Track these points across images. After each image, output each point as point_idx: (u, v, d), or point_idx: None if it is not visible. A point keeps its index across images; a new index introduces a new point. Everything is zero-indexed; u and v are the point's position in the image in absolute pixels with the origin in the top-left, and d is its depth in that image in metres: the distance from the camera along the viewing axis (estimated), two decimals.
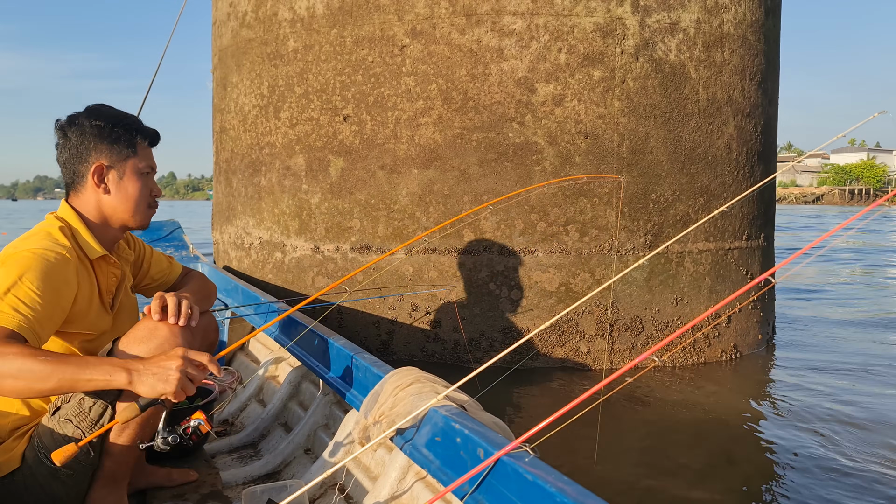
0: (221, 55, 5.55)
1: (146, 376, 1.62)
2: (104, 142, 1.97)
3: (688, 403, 3.93)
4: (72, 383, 1.58)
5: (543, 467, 1.44)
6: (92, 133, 1.96)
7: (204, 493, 2.22)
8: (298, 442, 2.62)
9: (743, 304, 4.94)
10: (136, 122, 2.04)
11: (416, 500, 1.87)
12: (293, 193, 4.83)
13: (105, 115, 1.99)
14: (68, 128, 1.97)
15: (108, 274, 2.03)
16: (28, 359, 1.54)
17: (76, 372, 1.58)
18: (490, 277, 4.37)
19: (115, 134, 1.98)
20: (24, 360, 1.53)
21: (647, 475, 3.06)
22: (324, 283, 4.68)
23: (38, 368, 1.54)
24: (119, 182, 1.99)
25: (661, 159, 4.47)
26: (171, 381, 1.63)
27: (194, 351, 1.72)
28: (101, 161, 1.97)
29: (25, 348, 1.57)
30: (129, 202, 2.00)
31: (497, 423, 1.84)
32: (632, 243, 4.42)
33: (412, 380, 2.00)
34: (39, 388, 1.56)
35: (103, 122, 1.97)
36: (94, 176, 1.96)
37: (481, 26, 4.31)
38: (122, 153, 1.99)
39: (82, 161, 1.97)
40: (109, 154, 1.98)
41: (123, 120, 2.01)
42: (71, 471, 1.81)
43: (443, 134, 4.37)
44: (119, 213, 2.00)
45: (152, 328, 1.82)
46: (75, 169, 1.98)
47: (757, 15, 4.85)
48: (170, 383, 1.62)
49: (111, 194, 1.99)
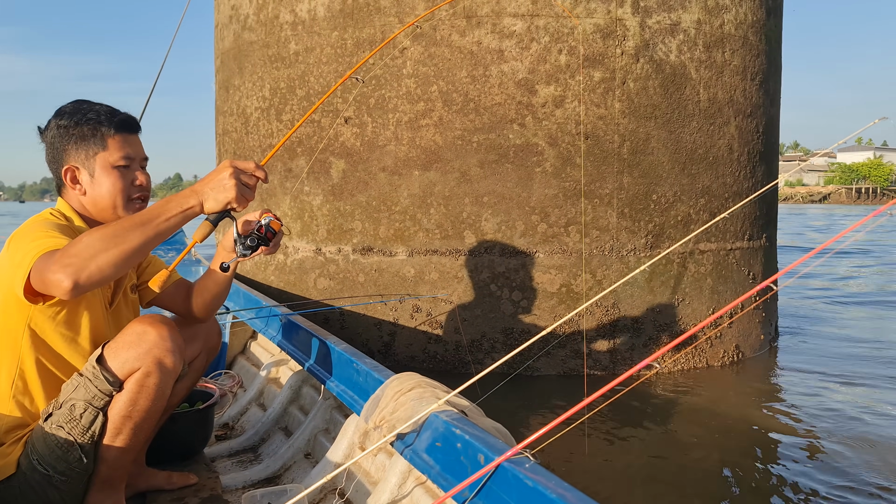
0: (224, 58, 5.56)
1: (208, 192, 1.66)
2: (70, 142, 1.92)
3: (690, 407, 3.93)
4: (155, 229, 1.60)
5: (544, 473, 1.43)
6: (59, 135, 1.93)
7: (204, 497, 2.22)
8: (299, 446, 2.62)
9: (745, 306, 4.93)
10: (100, 114, 1.95)
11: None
12: (295, 195, 4.83)
13: (70, 114, 1.94)
14: (45, 132, 1.96)
15: None
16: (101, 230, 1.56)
17: (152, 217, 1.60)
18: (491, 279, 4.37)
19: (79, 132, 1.92)
20: (101, 233, 1.55)
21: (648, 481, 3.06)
22: (326, 285, 4.68)
23: (117, 230, 1.56)
24: (91, 181, 1.94)
25: (661, 160, 4.46)
26: (230, 188, 1.66)
27: (241, 161, 1.73)
28: (70, 163, 1.93)
29: (96, 229, 1.58)
30: (106, 199, 1.94)
31: (498, 428, 1.83)
32: (633, 244, 4.41)
33: (413, 385, 2.00)
34: (130, 247, 1.56)
35: (67, 121, 1.92)
36: (68, 178, 1.93)
37: (482, 28, 4.31)
38: (90, 150, 1.93)
39: (57, 164, 1.95)
40: (76, 154, 1.93)
41: (86, 115, 1.94)
42: (65, 477, 1.80)
43: (443, 135, 4.37)
44: (101, 210, 1.96)
45: (140, 332, 1.80)
46: (56, 172, 1.96)
47: (758, 15, 4.84)
48: (229, 190, 1.66)
49: (87, 195, 1.95)
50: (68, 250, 1.54)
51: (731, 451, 3.38)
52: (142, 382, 1.80)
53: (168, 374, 1.84)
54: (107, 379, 1.77)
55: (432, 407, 1.81)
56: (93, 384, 1.78)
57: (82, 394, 1.78)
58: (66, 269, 1.51)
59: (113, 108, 2.00)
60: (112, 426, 1.81)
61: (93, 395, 1.78)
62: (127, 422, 1.82)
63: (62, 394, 1.82)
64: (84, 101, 1.99)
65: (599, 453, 3.29)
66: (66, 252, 1.54)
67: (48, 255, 1.59)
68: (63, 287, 1.51)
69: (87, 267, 1.52)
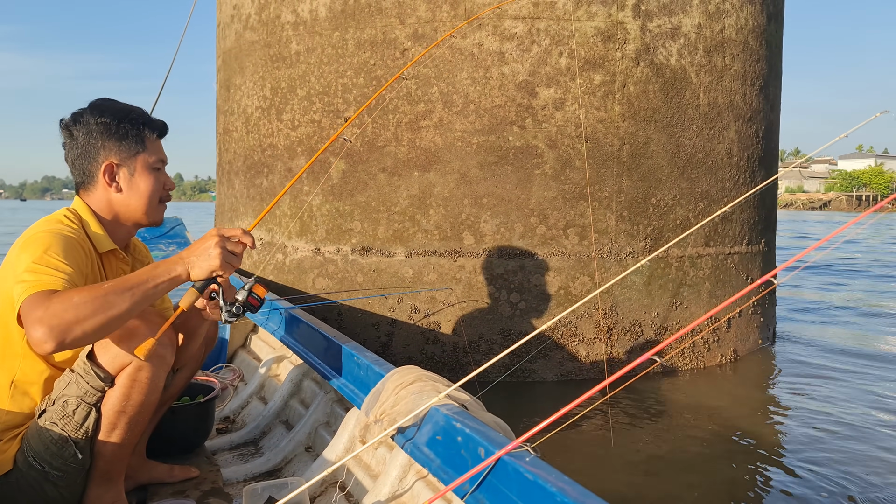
0: (225, 57, 5.57)
1: (194, 261, 1.69)
2: (112, 139, 1.93)
3: (688, 407, 3.94)
4: (143, 296, 1.61)
5: (544, 467, 1.44)
6: (98, 131, 1.92)
7: (205, 490, 2.23)
8: (299, 440, 2.63)
9: (743, 308, 4.95)
10: (143, 115, 1.99)
11: (416, 498, 1.87)
12: (294, 195, 4.85)
13: (111, 111, 1.94)
14: (74, 126, 1.93)
15: (117, 269, 2.01)
16: (93, 292, 1.55)
17: (141, 284, 1.61)
18: (489, 280, 4.39)
19: (122, 130, 1.94)
20: (93, 295, 1.54)
21: (645, 479, 3.07)
22: (324, 285, 4.69)
23: (108, 296, 1.55)
24: (130, 179, 1.96)
25: (661, 164, 4.48)
26: (214, 256, 1.69)
27: (228, 228, 1.76)
28: (110, 159, 1.93)
29: (83, 288, 1.58)
30: (142, 199, 1.97)
31: (498, 422, 1.84)
32: (631, 247, 4.44)
33: (414, 378, 2.01)
34: (117, 313, 1.56)
35: (109, 118, 1.93)
36: (105, 175, 1.93)
37: (482, 30, 4.33)
38: (132, 149, 1.96)
39: (91, 160, 1.93)
40: (119, 151, 1.94)
41: (130, 114, 1.96)
42: (61, 473, 1.80)
43: (443, 137, 4.39)
44: (132, 210, 1.98)
45: (130, 326, 1.79)
46: (84, 168, 1.94)
47: (759, 20, 4.87)
48: (214, 259, 1.69)
49: (123, 192, 1.96)
50: (55, 308, 1.51)
51: (731, 450, 3.40)
52: (134, 377, 1.79)
53: (160, 366, 1.83)
54: (97, 374, 1.77)
55: (433, 400, 1.82)
56: (84, 380, 1.78)
57: (74, 390, 1.78)
58: (51, 332, 1.49)
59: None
60: (107, 421, 1.81)
61: (84, 391, 1.78)
62: (121, 416, 1.81)
63: (55, 390, 1.81)
64: (117, 101, 2.00)
65: (600, 447, 3.31)
66: (53, 309, 1.51)
67: (38, 298, 1.55)
68: (44, 348, 1.49)
69: (71, 331, 1.50)
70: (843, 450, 3.40)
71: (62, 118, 1.96)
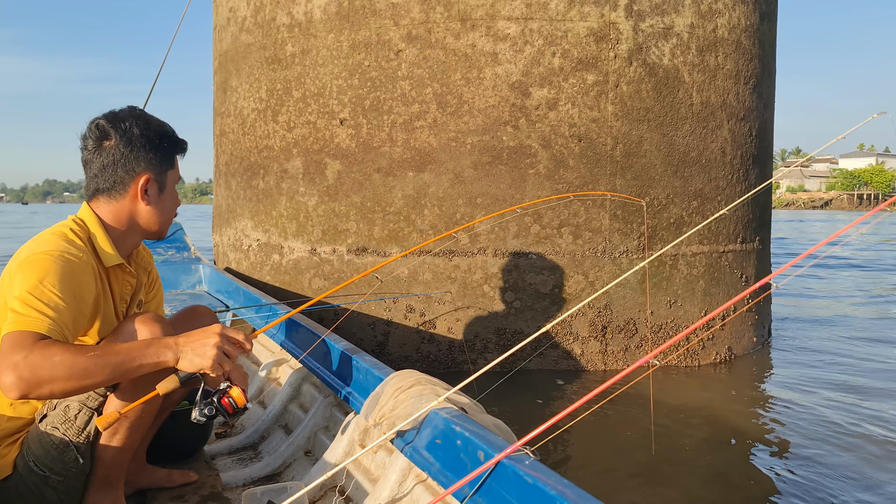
0: (221, 59, 5.57)
1: (187, 352, 1.67)
2: (152, 152, 1.92)
3: (682, 408, 3.97)
4: (123, 373, 1.60)
5: (543, 470, 1.45)
6: (142, 143, 1.90)
7: (204, 495, 2.24)
8: (299, 444, 2.64)
9: (739, 308, 4.98)
10: (175, 134, 2.02)
11: (416, 502, 1.88)
12: (290, 196, 4.85)
13: (154, 126, 1.95)
14: (113, 131, 1.88)
15: (123, 282, 1.99)
16: (75, 356, 1.52)
17: (125, 361, 1.59)
18: (484, 279, 4.40)
19: (162, 147, 1.95)
20: (73, 359, 1.52)
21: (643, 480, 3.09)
22: (320, 285, 4.71)
23: (88, 364, 1.53)
24: (160, 195, 1.97)
25: (654, 163, 4.51)
26: (209, 356, 1.67)
27: (231, 329, 1.76)
28: (149, 173, 1.93)
29: (67, 347, 1.54)
30: (164, 215, 1.99)
31: (498, 424, 1.86)
32: (625, 246, 4.46)
33: (413, 382, 2.02)
34: (91, 383, 1.55)
35: (153, 132, 1.93)
36: (141, 187, 1.92)
37: (476, 31, 4.34)
38: (165, 166, 1.97)
39: (128, 169, 1.90)
40: (157, 167, 1.94)
41: (167, 133, 1.98)
42: (62, 477, 1.81)
43: (438, 137, 4.40)
44: (151, 223, 1.97)
45: (132, 331, 1.79)
46: (117, 176, 1.90)
47: (752, 19, 4.90)
48: (207, 358, 1.67)
49: (150, 206, 1.95)
50: (33, 359, 1.49)
51: (726, 449, 3.42)
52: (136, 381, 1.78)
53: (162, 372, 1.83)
54: None
55: (432, 404, 1.83)
56: None
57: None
58: (20, 382, 1.47)
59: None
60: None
61: (87, 395, 1.79)
62: (123, 421, 1.82)
63: None
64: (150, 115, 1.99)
65: (598, 449, 3.33)
66: (31, 360, 1.49)
67: (21, 340, 1.52)
68: (7, 394, 1.49)
69: (40, 387, 1.49)
70: (839, 449, 3.42)
71: (97, 119, 1.90)
